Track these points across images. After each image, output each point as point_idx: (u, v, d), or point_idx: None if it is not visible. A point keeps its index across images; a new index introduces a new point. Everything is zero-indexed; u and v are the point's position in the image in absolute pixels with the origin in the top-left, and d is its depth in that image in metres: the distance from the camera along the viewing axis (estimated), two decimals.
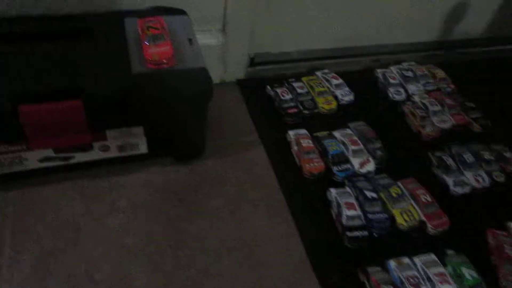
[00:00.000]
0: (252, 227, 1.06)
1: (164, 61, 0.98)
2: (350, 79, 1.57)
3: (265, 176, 1.20)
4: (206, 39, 1.36)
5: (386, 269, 0.99)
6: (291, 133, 1.30)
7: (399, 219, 1.10)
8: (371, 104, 1.51)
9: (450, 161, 1.27)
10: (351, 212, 1.07)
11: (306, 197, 1.16)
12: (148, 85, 0.97)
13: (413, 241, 1.09)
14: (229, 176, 1.18)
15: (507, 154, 1.32)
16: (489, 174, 1.27)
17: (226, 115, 1.38)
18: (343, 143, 1.28)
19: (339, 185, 1.19)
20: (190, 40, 1.09)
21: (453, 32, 1.77)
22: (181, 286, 0.93)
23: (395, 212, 1.11)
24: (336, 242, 1.06)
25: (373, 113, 1.47)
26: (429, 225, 1.10)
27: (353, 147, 1.26)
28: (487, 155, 1.30)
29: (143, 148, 1.10)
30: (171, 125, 1.07)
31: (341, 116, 1.43)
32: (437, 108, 1.46)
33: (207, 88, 1.02)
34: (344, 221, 1.06)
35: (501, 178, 1.26)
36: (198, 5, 1.28)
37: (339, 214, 1.08)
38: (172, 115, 1.04)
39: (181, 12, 1.19)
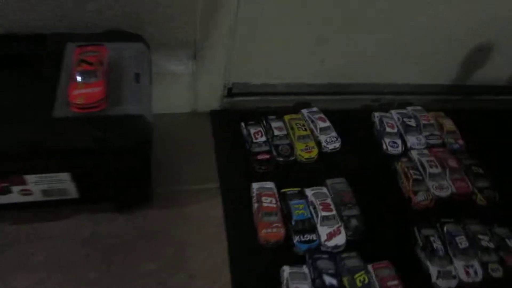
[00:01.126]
0: None
1: (92, 104, 0.82)
2: (343, 119, 1.38)
3: (215, 238, 1.04)
4: (174, 66, 1.19)
5: None
6: (254, 186, 1.12)
7: None
8: (359, 155, 1.31)
9: (438, 244, 1.06)
10: None
11: (256, 273, 0.98)
12: (70, 132, 0.82)
13: None
14: (172, 233, 1.02)
15: (511, 243, 1.09)
16: (484, 265, 1.05)
17: (189, 153, 1.22)
18: (313, 206, 1.09)
19: (299, 258, 1.01)
20: (137, 75, 0.93)
21: (472, 77, 1.54)
22: None
23: None
24: None
25: (360, 166, 1.27)
26: None
27: (324, 213, 1.07)
28: (485, 241, 1.09)
29: (73, 193, 0.95)
30: (103, 174, 0.92)
31: (321, 168, 1.25)
32: (437, 170, 1.24)
33: (143, 139, 0.86)
34: None
35: (497, 273, 1.04)
36: (165, 27, 1.11)
37: None
38: (103, 164, 0.89)
39: (138, 38, 1.02)
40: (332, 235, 1.05)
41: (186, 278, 0.95)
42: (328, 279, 0.94)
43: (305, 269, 0.97)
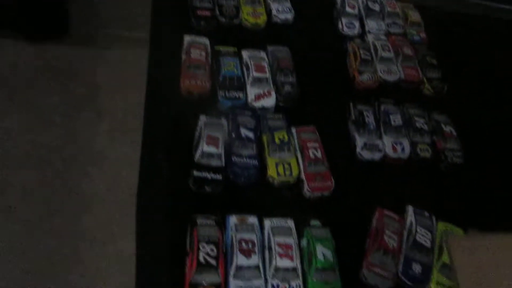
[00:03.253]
0: (87, 139, 0.85)
1: None
2: None
3: (134, 85, 0.97)
4: None
5: (223, 225, 0.79)
6: (186, 38, 1.03)
7: (271, 171, 0.88)
8: (313, 31, 1.22)
9: (370, 118, 1.02)
10: (209, 149, 0.85)
11: (172, 120, 0.92)
12: None
13: (281, 200, 0.89)
14: (87, 74, 0.95)
15: (446, 129, 1.05)
16: (414, 145, 1.02)
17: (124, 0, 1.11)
18: (247, 67, 1.02)
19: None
20: None
21: None
22: None
23: (270, 162, 0.89)
24: (183, 183, 0.85)
25: (311, 42, 1.18)
26: (306, 186, 0.88)
27: (256, 74, 1.00)
28: (420, 123, 1.05)
29: None
30: None
31: (267, 37, 1.15)
32: (388, 54, 1.17)
33: None
34: (197, 157, 0.84)
35: (425, 153, 1.01)
36: None
37: (196, 148, 0.86)
38: None
39: None
40: (261, 97, 0.99)
41: (93, 116, 0.89)
42: (245, 132, 0.89)
43: (223, 121, 0.92)
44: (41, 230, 0.73)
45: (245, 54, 1.05)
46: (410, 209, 0.91)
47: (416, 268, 0.83)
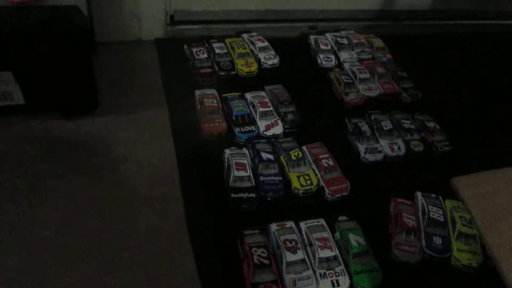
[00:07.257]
0: (131, 187, 0.97)
1: None
2: (283, 45, 1.48)
3: (162, 137, 1.11)
4: None
5: (267, 233, 0.91)
6: (197, 92, 1.21)
7: (295, 183, 1.02)
8: (297, 70, 1.42)
9: (365, 127, 1.18)
10: (239, 173, 0.99)
11: (200, 158, 1.07)
12: (8, 21, 0.88)
13: (308, 207, 1.01)
14: (119, 135, 1.09)
15: (430, 125, 1.23)
16: (407, 143, 1.18)
17: (136, 75, 1.29)
18: (253, 105, 1.19)
19: (240, 148, 1.11)
20: None
21: (398, 2, 1.68)
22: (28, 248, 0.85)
23: (292, 176, 1.03)
24: (223, 209, 0.97)
25: (298, 78, 1.38)
26: (327, 190, 1.02)
27: (262, 109, 1.17)
28: (408, 124, 1.22)
29: (19, 98, 1.01)
30: (45, 72, 0.98)
31: (261, 80, 1.34)
32: (365, 75, 1.37)
33: (79, 29, 0.93)
34: (230, 181, 0.98)
35: (418, 148, 1.17)
36: None
37: (228, 175, 1.00)
38: (44, 59, 0.95)
39: None
40: (270, 127, 1.15)
41: (134, 167, 1.02)
42: (265, 155, 1.04)
43: (244, 150, 1.07)
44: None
45: (248, 96, 1.22)
46: (419, 194, 1.05)
47: (437, 240, 0.95)
